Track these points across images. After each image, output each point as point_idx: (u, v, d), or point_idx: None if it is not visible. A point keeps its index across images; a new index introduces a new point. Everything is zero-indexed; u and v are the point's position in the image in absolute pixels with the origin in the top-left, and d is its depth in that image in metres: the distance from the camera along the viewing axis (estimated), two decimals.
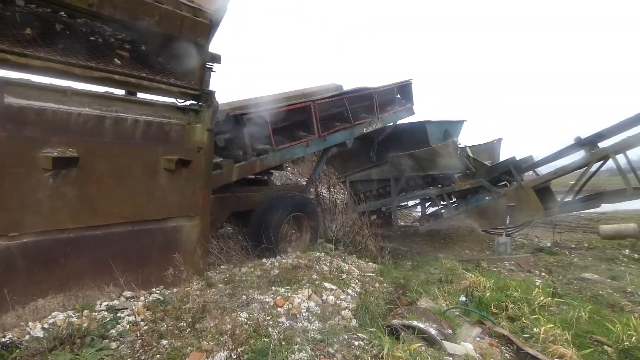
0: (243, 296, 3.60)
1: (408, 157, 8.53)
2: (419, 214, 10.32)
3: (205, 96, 4.22)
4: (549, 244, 7.17)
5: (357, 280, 4.66)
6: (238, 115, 4.87)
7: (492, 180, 7.91)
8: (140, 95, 3.93)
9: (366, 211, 10.17)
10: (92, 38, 3.64)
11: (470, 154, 9.32)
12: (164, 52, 4.03)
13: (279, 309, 3.41)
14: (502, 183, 8.16)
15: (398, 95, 8.77)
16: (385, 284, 4.97)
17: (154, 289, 3.90)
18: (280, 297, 3.63)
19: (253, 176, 6.04)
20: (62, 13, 3.65)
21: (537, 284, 5.03)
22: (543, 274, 5.77)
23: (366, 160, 9.70)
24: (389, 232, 9.53)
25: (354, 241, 6.46)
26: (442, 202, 8.67)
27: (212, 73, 4.31)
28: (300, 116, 5.98)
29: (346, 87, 7.33)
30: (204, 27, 3.94)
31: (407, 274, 5.39)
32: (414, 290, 4.55)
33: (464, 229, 8.24)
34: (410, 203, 10.25)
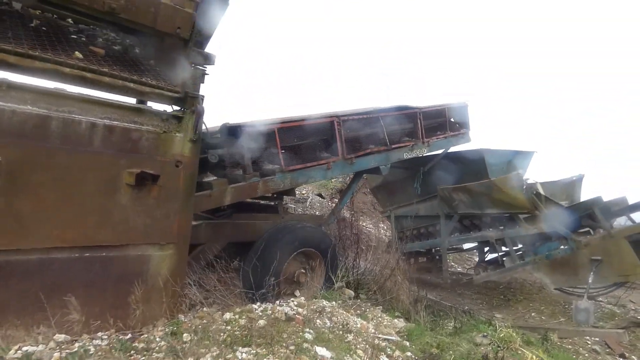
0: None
1: (461, 191, 7.19)
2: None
3: (189, 100, 3.54)
4: None
5: (367, 346, 3.50)
6: (236, 127, 4.13)
7: (570, 225, 6.27)
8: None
9: (412, 252, 8.94)
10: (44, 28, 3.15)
11: (542, 192, 7.70)
12: (137, 47, 3.45)
13: None
14: (584, 230, 6.46)
15: (452, 119, 7.56)
16: (409, 353, 3.73)
17: (100, 333, 3.13)
18: None
19: (264, 201, 5.23)
20: None
21: None
22: None
23: (414, 193, 8.46)
24: (437, 279, 8.09)
25: (383, 288, 5.26)
26: (503, 249, 7.11)
27: (202, 75, 3.64)
28: (321, 135, 5.11)
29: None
30: (185, 17, 3.30)
31: (444, 340, 4.08)
32: None
33: (531, 285, 6.59)
34: (467, 246, 8.72)
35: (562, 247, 6.23)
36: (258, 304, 3.99)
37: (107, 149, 3.11)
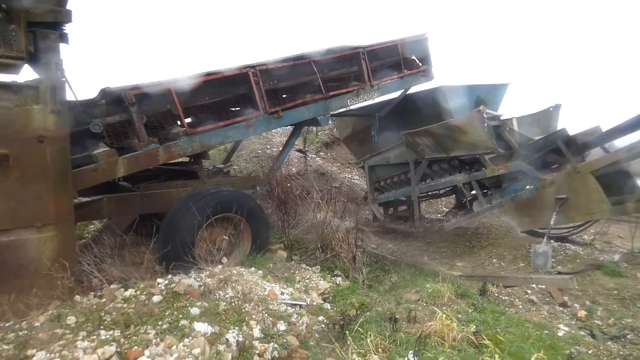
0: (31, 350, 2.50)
1: (423, 135, 6.66)
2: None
3: (43, 66, 3.14)
4: (617, 257, 4.87)
5: (270, 315, 3.29)
6: (122, 92, 3.72)
7: (536, 162, 5.73)
8: None
9: (391, 201, 8.61)
10: None
11: (516, 128, 7.06)
12: None
13: None
14: (555, 166, 5.92)
15: (409, 56, 6.85)
16: (321, 318, 3.51)
17: None
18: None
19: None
20: None
21: (560, 333, 3.13)
22: (583, 312, 3.71)
23: (384, 142, 7.95)
24: (411, 228, 7.79)
25: (327, 247, 5.00)
26: (471, 192, 6.67)
27: (56, 34, 3.20)
28: (238, 90, 4.62)
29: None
30: None
31: (366, 300, 3.83)
32: (352, 332, 3.07)
33: (497, 229, 6.19)
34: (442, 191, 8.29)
35: (527, 187, 5.75)
36: (168, 277, 3.81)
37: None
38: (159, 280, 3.69)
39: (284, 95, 5.22)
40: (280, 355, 2.73)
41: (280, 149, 11.82)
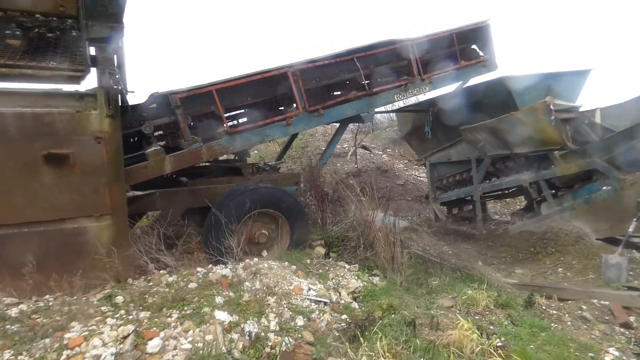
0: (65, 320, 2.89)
1: (483, 130, 6.19)
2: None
3: (100, 77, 3.60)
4: None
5: (291, 309, 3.37)
6: (169, 96, 4.08)
7: (615, 159, 4.97)
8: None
9: (454, 201, 8.17)
10: None
11: (598, 120, 6.21)
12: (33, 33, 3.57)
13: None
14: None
15: (473, 46, 6.39)
16: (344, 316, 3.50)
17: (48, 296, 3.58)
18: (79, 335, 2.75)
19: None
20: None
21: (607, 358, 2.70)
22: None
23: (445, 138, 7.57)
24: (474, 230, 7.29)
25: (369, 245, 4.93)
26: (540, 193, 6.02)
27: (111, 49, 3.65)
28: (279, 89, 4.76)
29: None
30: None
31: (401, 301, 3.71)
32: (370, 333, 3.02)
33: (567, 235, 5.46)
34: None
35: (604, 188, 5.02)
36: (209, 267, 4.11)
37: (20, 135, 3.38)
38: (199, 268, 4.00)
39: (327, 93, 5.24)
40: (287, 349, 2.78)
41: (345, 146, 11.93)
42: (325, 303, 3.62)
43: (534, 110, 5.30)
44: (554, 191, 6.02)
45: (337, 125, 5.61)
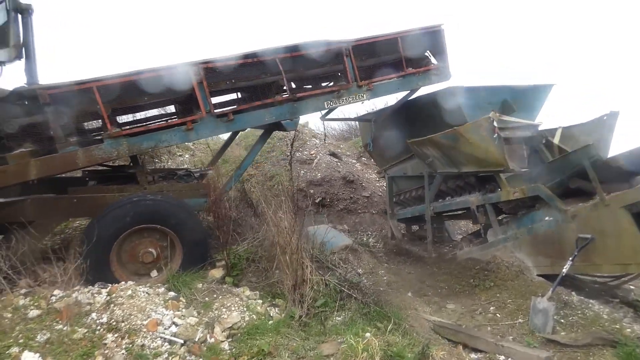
0: None
1: (430, 145, 5.64)
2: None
3: None
4: None
5: (129, 351, 2.85)
6: (35, 91, 3.59)
7: (562, 186, 4.40)
8: None
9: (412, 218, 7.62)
10: None
11: (557, 141, 5.62)
12: None
13: None
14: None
15: (426, 53, 5.85)
16: None
17: None
18: None
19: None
20: None
21: None
22: None
23: (405, 150, 7.00)
24: (423, 253, 6.72)
25: (273, 269, 4.39)
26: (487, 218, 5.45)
27: None
28: (182, 90, 4.24)
29: None
30: None
31: (288, 341, 3.18)
32: None
33: (508, 268, 4.89)
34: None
35: (547, 218, 4.44)
36: (71, 290, 3.59)
37: None
38: (57, 291, 3.49)
39: (240, 96, 4.73)
40: None
41: (313, 152, 11.40)
42: (182, 344, 3.09)
43: (477, 127, 4.74)
44: (503, 217, 5.45)
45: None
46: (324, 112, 5.41)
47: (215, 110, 4.26)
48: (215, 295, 3.88)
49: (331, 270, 5.18)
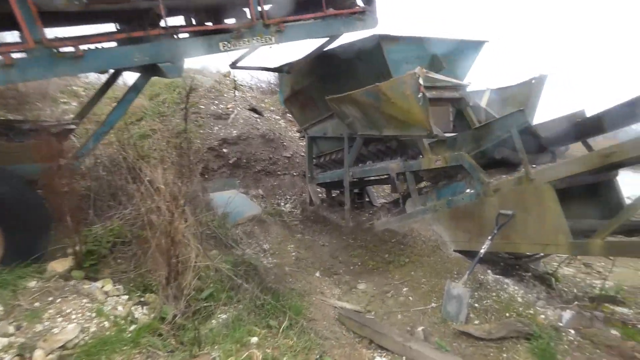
0: None
1: (349, 103, 4.91)
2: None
3: None
4: (566, 317, 3.12)
5: None
6: None
7: (487, 155, 3.94)
8: None
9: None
10: None
11: (484, 104, 5.19)
12: None
13: None
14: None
15: None
16: None
17: None
18: None
19: None
20: None
21: None
22: None
23: (324, 107, 6.16)
24: (341, 221, 6.19)
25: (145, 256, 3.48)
26: (407, 186, 4.96)
27: None
28: None
29: None
30: None
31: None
32: None
33: (427, 243, 4.50)
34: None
35: (467, 190, 4.01)
36: None
37: None
38: None
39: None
40: None
41: (230, 106, 10.18)
42: None
43: (400, 84, 4.05)
44: (424, 186, 5.01)
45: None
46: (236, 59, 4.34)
47: (52, 42, 3.01)
48: (51, 299, 2.90)
49: (231, 248, 4.42)
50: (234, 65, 5.80)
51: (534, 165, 3.61)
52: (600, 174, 3.34)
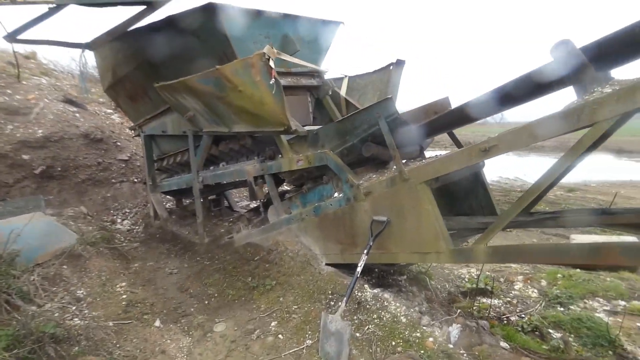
0: None
1: (184, 92, 3.82)
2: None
3: None
4: (454, 334, 2.83)
5: None
6: None
7: (355, 152, 3.39)
8: None
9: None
10: None
11: (343, 93, 4.71)
12: None
13: None
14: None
15: None
16: None
17: None
18: None
19: None
20: None
21: None
22: None
23: (159, 99, 4.81)
24: (194, 238, 5.07)
25: None
26: (270, 191, 4.17)
27: None
28: None
29: None
30: None
31: None
32: None
33: (295, 258, 3.83)
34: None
35: (335, 194, 3.41)
36: None
37: None
38: None
39: None
40: None
41: (32, 97, 7.78)
42: None
43: (246, 67, 3.17)
44: (287, 191, 4.30)
45: None
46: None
47: None
48: None
49: (16, 310, 2.97)
50: (12, 38, 4.07)
51: (404, 161, 3.20)
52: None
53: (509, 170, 11.42)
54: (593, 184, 9.24)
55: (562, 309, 3.40)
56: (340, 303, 2.90)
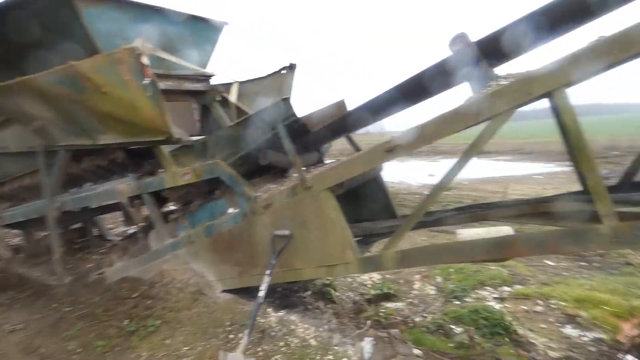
0: None
1: (27, 95, 3.03)
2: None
3: None
4: (367, 349, 2.69)
5: None
6: None
7: (250, 161, 3.05)
8: None
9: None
10: None
11: (234, 99, 4.36)
12: None
13: None
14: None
15: None
16: None
17: None
18: None
19: None
20: None
21: None
22: None
23: None
24: (49, 279, 4.07)
25: None
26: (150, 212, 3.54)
27: None
28: None
29: None
30: None
31: None
32: None
33: (185, 288, 3.31)
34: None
35: (230, 210, 3.02)
36: None
37: None
38: None
39: None
40: None
41: None
42: None
43: (112, 63, 2.61)
44: (170, 211, 3.72)
45: None
46: None
47: None
48: None
49: None
50: None
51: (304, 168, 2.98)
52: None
53: (393, 175, 12.32)
54: (465, 182, 10.43)
55: (458, 302, 3.54)
56: (241, 335, 2.50)
